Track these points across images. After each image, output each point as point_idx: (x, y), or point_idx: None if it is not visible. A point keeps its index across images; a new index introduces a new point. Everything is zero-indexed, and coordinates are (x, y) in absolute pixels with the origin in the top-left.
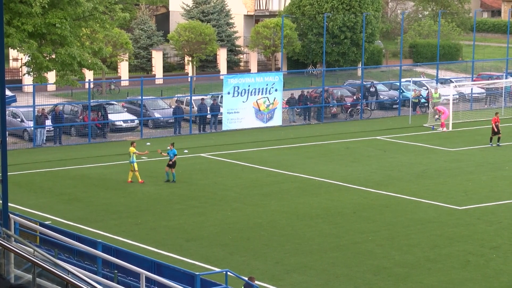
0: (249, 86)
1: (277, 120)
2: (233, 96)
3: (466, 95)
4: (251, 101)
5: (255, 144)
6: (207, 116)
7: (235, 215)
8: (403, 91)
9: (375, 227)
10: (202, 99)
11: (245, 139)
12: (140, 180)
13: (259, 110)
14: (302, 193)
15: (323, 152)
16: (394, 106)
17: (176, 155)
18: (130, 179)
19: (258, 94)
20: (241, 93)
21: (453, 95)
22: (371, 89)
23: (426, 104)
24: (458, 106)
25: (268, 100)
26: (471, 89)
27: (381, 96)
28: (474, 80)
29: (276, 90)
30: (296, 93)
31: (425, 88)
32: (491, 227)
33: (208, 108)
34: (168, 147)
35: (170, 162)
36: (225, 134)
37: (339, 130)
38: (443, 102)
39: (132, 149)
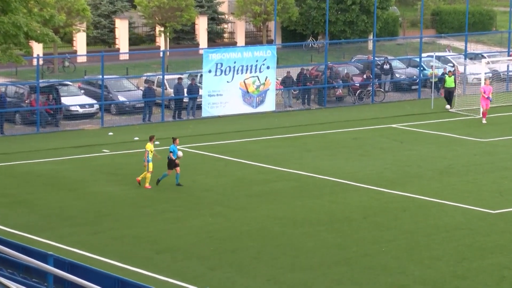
0: (235, 62)
1: (269, 104)
2: (216, 75)
3: (501, 73)
4: (237, 81)
5: (242, 134)
6: (184, 100)
7: (217, 222)
8: (424, 69)
9: (389, 235)
10: (178, 78)
11: (230, 127)
12: (148, 184)
13: (248, 92)
14: (300, 194)
15: (325, 144)
16: (413, 87)
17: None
18: (141, 178)
19: (246, 73)
20: (225, 71)
21: (485, 73)
22: (384, 66)
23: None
24: (492, 86)
25: (259, 80)
26: (507, 66)
27: (397, 75)
28: (511, 55)
29: (268, 67)
30: (293, 71)
31: (451, 64)
32: None
33: (185, 90)
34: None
35: (177, 161)
36: (205, 122)
37: (345, 116)
38: (474, 83)
39: (149, 146)
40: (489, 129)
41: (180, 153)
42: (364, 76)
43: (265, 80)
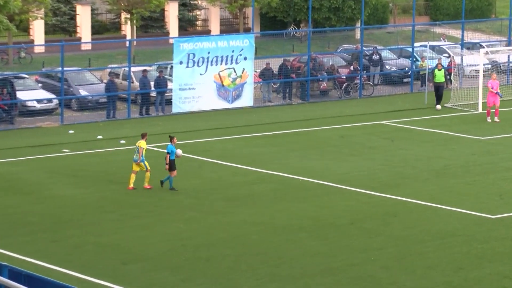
0: (208, 53)
1: (246, 99)
2: (187, 66)
3: (501, 65)
4: (211, 74)
5: (217, 132)
6: (152, 94)
7: (190, 228)
8: (417, 60)
9: (379, 243)
10: (145, 70)
11: (204, 125)
12: (147, 184)
13: (223, 85)
14: (282, 197)
15: (310, 143)
16: (405, 80)
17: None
18: (132, 185)
19: (221, 64)
20: (198, 62)
21: (484, 64)
22: (373, 57)
23: (448, 78)
24: (499, 81)
25: (235, 72)
26: (508, 57)
27: (387, 67)
28: None
29: (245, 58)
30: (273, 63)
31: (446, 55)
32: None
33: (153, 84)
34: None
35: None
36: (176, 119)
37: (330, 112)
38: (471, 75)
39: (142, 143)
40: (489, 126)
41: (179, 152)
42: (351, 68)
43: (242, 73)
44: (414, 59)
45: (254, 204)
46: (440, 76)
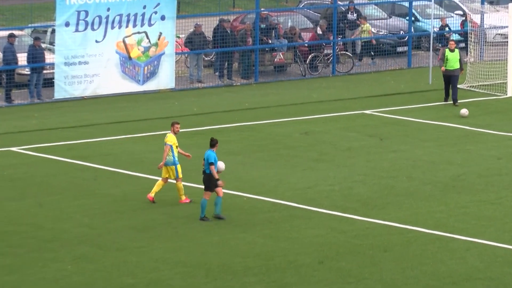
0: (108, 10)
1: (165, 78)
2: (77, 30)
3: None
4: (112, 41)
5: (121, 128)
6: (23, 72)
7: (81, 271)
8: (418, 20)
9: None
10: (12, 36)
11: (102, 117)
12: (184, 197)
13: (130, 58)
14: (218, 224)
15: (258, 143)
16: (400, 50)
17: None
18: (153, 195)
19: (127, 27)
20: (93, 24)
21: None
22: (349, 16)
23: (463, 46)
24: None
25: (148, 38)
26: None
27: (372, 30)
28: None
29: (163, 17)
30: (206, 24)
31: (461, 12)
32: None
33: (25, 56)
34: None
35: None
36: (60, 107)
37: (289, 97)
38: (496, 42)
39: (171, 137)
40: None
41: (221, 165)
42: (318, 30)
43: (159, 39)
44: (413, 19)
45: (178, 235)
46: (454, 59)
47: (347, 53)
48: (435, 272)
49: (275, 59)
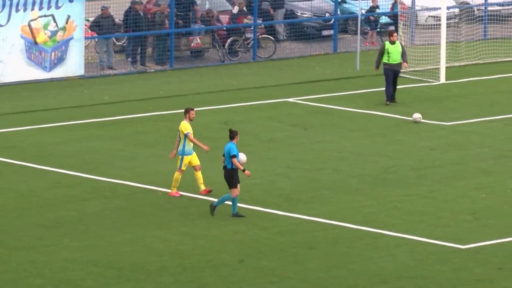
0: None
1: (74, 64)
2: None
3: (474, 9)
4: (16, 25)
5: (26, 118)
6: None
7: None
8: (345, 1)
9: None
10: None
11: (5, 106)
12: (204, 187)
13: (36, 43)
14: (130, 221)
15: (173, 134)
16: (325, 33)
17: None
18: (203, 187)
19: (33, 9)
20: None
21: (448, 9)
22: None
23: (393, 28)
24: (459, 32)
25: (55, 21)
26: None
27: (297, 13)
28: None
29: (70, 0)
30: (114, 7)
31: None
32: None
33: None
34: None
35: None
36: None
37: (207, 84)
38: (429, 25)
39: (186, 125)
40: (456, 106)
41: (243, 157)
42: (234, 9)
43: (67, 23)
44: (340, 0)
45: (87, 232)
46: (395, 52)
47: (268, 36)
48: (363, 270)
49: (192, 44)
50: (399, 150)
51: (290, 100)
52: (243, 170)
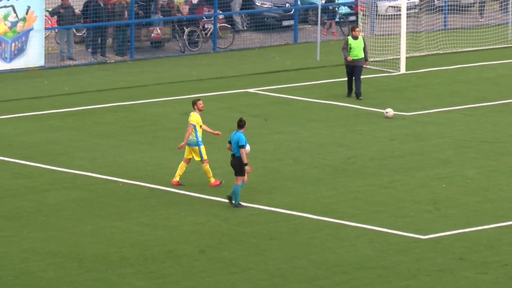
0: None
1: (34, 55)
2: None
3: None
4: None
5: None
6: None
7: None
8: None
9: (246, 283)
10: None
11: None
12: (213, 179)
13: None
14: (90, 212)
15: (135, 125)
16: (285, 24)
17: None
18: (177, 178)
19: None
20: None
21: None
22: None
23: (354, 19)
24: (419, 22)
25: (15, 12)
26: None
27: (257, 3)
28: None
29: None
30: None
31: None
32: (486, 275)
33: None
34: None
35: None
36: None
37: (168, 75)
38: (389, 15)
39: (195, 116)
40: (416, 96)
41: (248, 148)
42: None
43: (27, 13)
44: None
45: (48, 223)
46: (357, 49)
47: (228, 26)
48: (324, 261)
49: (152, 34)
50: (359, 140)
51: (250, 90)
52: (245, 164)
